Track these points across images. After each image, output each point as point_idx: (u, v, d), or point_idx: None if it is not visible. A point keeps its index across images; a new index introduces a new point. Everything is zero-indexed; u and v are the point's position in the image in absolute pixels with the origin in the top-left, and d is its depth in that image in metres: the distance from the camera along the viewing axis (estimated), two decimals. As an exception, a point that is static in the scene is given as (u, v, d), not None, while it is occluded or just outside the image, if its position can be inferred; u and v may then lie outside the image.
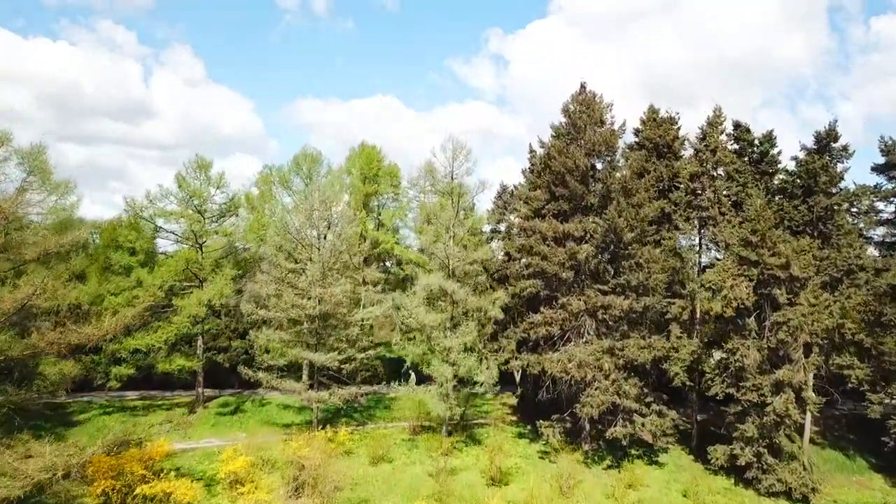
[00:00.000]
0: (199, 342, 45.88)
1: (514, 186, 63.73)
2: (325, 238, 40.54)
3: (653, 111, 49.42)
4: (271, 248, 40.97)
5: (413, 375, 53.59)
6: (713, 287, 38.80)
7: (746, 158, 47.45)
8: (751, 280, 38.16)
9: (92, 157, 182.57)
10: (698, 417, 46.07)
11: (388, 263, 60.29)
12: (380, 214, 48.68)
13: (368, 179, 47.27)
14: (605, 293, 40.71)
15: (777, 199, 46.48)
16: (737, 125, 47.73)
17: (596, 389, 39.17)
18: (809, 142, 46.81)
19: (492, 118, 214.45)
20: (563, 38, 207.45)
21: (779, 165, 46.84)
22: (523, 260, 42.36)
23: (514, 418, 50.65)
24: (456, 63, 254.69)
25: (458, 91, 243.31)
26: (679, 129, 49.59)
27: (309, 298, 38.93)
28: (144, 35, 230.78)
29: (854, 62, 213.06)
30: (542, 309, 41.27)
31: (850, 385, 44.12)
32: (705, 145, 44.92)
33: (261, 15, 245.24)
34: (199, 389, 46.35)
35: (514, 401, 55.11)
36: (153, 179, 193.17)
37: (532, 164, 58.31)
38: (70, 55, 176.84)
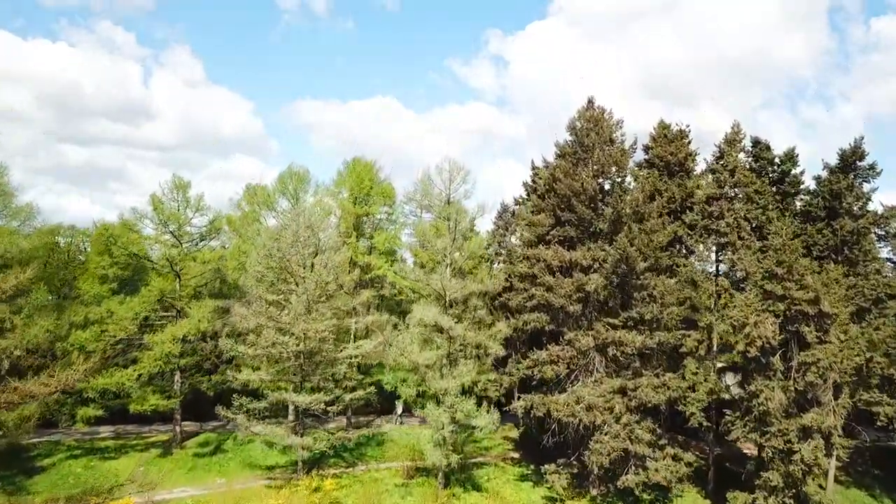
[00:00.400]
0: (177, 377, 42.46)
1: (516, 199, 60.49)
2: (310, 267, 37.19)
3: (663, 126, 46.16)
4: (251, 278, 37.63)
5: (400, 408, 50.29)
6: (734, 323, 35.45)
7: (766, 178, 44.19)
8: (776, 316, 34.84)
9: (92, 158, 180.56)
10: (715, 451, 42.77)
11: (384, 277, 57.07)
12: (372, 237, 45.34)
13: (360, 200, 44.02)
14: (615, 327, 37.37)
15: (798, 221, 43.20)
16: (756, 142, 44.50)
17: (606, 434, 35.82)
18: (832, 159, 43.74)
19: (492, 119, 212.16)
20: (563, 38, 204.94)
21: (801, 186, 43.53)
22: (526, 290, 38.97)
23: (515, 455, 47.29)
24: (456, 64, 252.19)
25: (458, 92, 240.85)
26: (690, 142, 46.45)
27: (291, 335, 35.60)
28: (144, 36, 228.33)
29: (854, 62, 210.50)
30: (547, 345, 37.97)
31: (878, 423, 40.92)
32: (723, 165, 41.61)
33: (260, 15, 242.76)
34: (177, 428, 42.92)
35: (515, 433, 51.78)
36: (153, 180, 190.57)
37: (534, 182, 55.26)
38: (70, 56, 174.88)
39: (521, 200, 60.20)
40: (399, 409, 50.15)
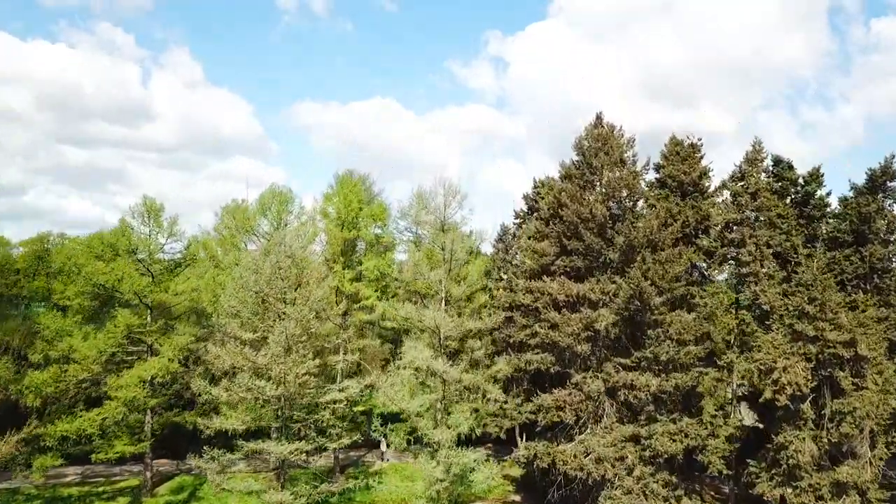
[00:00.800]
0: (147, 418, 38.90)
1: (516, 213, 57.08)
2: (291, 302, 33.63)
3: (675, 143, 42.60)
4: (225, 314, 34.08)
5: (385, 446, 46.61)
6: (760, 367, 31.95)
7: (788, 200, 40.68)
8: (808, 359, 31.36)
9: (92, 160, 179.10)
10: (734, 491, 39.28)
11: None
12: (361, 263, 41.84)
13: (347, 224, 40.53)
14: (627, 369, 33.90)
15: (824, 247, 39.69)
16: (777, 161, 40.97)
17: (617, 489, 32.34)
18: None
19: (492, 119, 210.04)
20: (562, 39, 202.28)
21: (828, 209, 40.01)
22: (528, 326, 35.53)
23: (517, 498, 43.79)
24: (455, 65, 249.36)
25: (458, 93, 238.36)
26: (703, 157, 42.99)
27: (268, 379, 32.06)
28: (143, 37, 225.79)
29: (854, 63, 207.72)
30: (552, 389, 34.48)
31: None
32: (744, 187, 38.19)
33: (259, 16, 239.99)
34: (147, 473, 39.37)
35: (517, 471, 48.21)
36: (152, 182, 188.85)
37: (536, 201, 52.18)
38: (69, 57, 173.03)
39: (521, 214, 56.83)
40: (384, 447, 46.61)
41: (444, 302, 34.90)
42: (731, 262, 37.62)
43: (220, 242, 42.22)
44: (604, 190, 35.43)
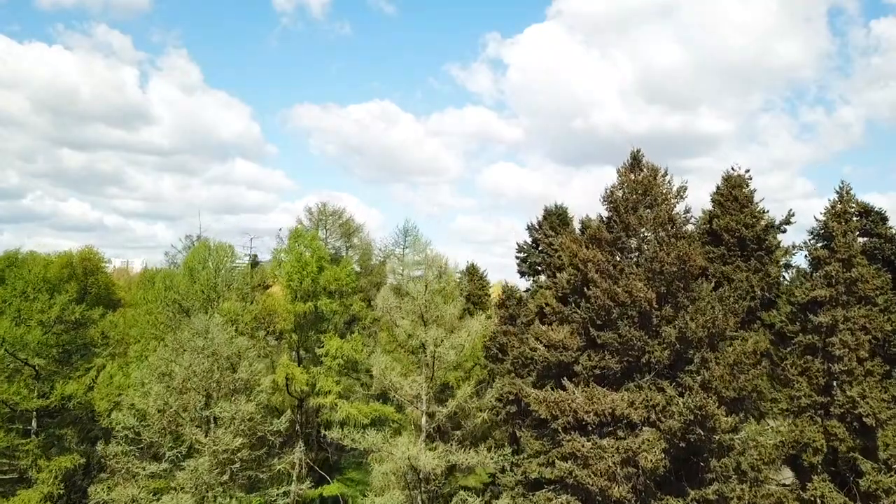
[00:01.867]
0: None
1: (519, 246, 48.29)
2: (210, 425, 23.92)
3: (731, 185, 32.99)
4: (118, 440, 24.30)
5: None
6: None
7: (880, 262, 31.02)
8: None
9: (90, 163, 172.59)
10: None
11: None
12: (320, 342, 31.95)
13: (302, 294, 30.72)
14: (682, 515, 24.20)
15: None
16: (865, 211, 31.31)
17: None
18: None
19: (490, 121, 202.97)
20: (561, 41, 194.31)
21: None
22: (544, 452, 25.78)
23: None
24: (454, 68, 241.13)
25: (457, 95, 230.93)
26: (754, 192, 33.44)
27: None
28: (140, 39, 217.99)
29: (854, 65, 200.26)
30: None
31: None
32: (830, 249, 28.46)
33: (257, 17, 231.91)
34: None
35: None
36: (152, 185, 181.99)
37: (542, 233, 43.27)
38: (66, 59, 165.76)
39: (525, 248, 47.81)
40: None
41: (425, 417, 25.12)
42: (818, 354, 27.84)
43: (131, 321, 32.01)
44: (646, 261, 25.67)
